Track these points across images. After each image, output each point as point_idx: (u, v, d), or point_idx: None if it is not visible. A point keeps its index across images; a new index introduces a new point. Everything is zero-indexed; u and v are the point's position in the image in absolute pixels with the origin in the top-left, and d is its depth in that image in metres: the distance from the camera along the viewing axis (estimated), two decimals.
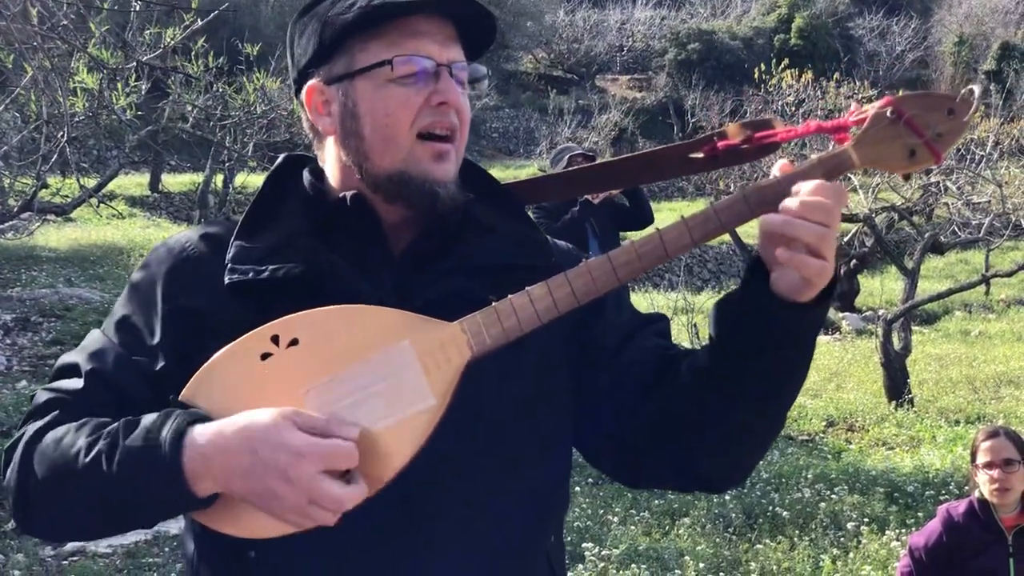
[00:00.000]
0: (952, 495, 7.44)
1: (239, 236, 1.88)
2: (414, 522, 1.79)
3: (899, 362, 11.09)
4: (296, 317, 1.72)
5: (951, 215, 15.23)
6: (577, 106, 34.68)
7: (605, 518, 7.38)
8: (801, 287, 1.64)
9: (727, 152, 1.87)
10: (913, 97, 1.67)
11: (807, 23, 43.19)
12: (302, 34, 1.93)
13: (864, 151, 1.67)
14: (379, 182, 1.85)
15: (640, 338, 1.96)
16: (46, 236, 17.43)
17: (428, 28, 1.85)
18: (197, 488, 1.64)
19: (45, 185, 9.19)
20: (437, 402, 1.70)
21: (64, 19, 5.59)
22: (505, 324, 1.71)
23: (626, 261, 1.72)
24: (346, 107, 1.86)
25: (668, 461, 1.89)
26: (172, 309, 1.85)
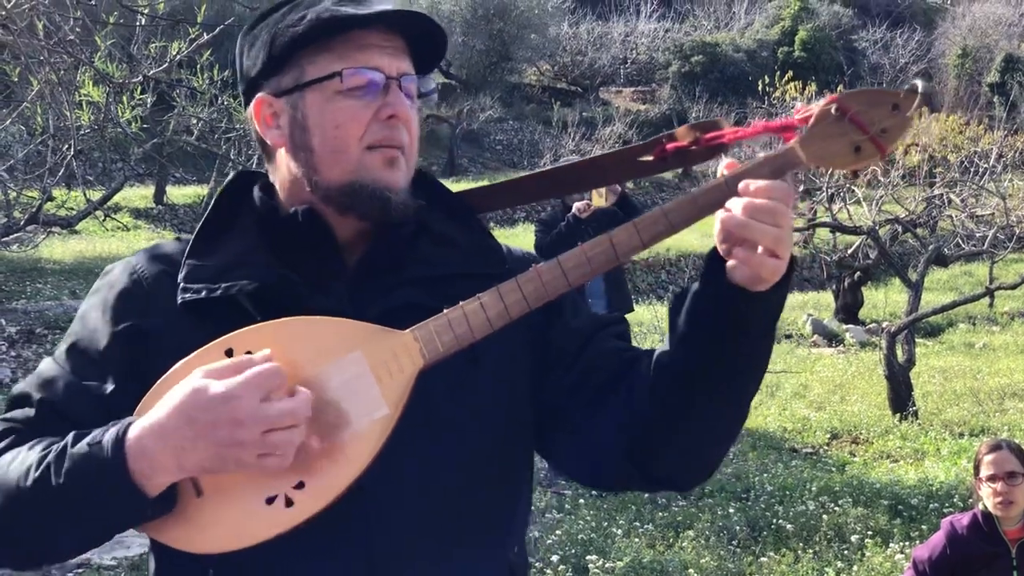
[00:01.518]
0: (956, 508, 7.44)
1: (191, 255, 1.87)
2: (371, 533, 1.78)
3: (903, 374, 11.08)
4: (249, 330, 1.72)
5: (955, 227, 15.25)
6: (581, 118, 34.67)
7: (609, 530, 7.37)
8: (756, 281, 1.65)
9: (676, 154, 1.87)
10: (857, 94, 1.68)
11: (810, 35, 43.18)
12: (251, 46, 1.92)
13: (810, 148, 1.68)
14: (330, 194, 1.85)
15: (599, 341, 1.96)
16: (51, 248, 17.45)
17: (378, 41, 1.85)
18: (148, 485, 1.63)
19: (51, 198, 9.21)
20: (390, 411, 1.70)
21: (70, 33, 5.61)
22: (457, 331, 1.72)
23: (576, 264, 1.72)
24: (295, 120, 1.86)
25: (630, 462, 1.88)
26: (123, 331, 1.83)
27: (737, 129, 1.80)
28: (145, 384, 1.73)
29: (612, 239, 1.71)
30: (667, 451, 1.85)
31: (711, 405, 1.79)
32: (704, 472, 1.96)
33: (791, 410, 11.71)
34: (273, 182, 1.96)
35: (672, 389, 1.79)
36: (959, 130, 17.18)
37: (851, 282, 18.67)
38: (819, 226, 16.31)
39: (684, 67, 41.55)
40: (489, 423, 1.88)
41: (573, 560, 6.72)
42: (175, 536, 1.70)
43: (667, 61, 43.19)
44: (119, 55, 7.11)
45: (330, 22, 1.82)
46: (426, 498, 1.81)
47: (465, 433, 1.85)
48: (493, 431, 1.89)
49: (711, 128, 1.85)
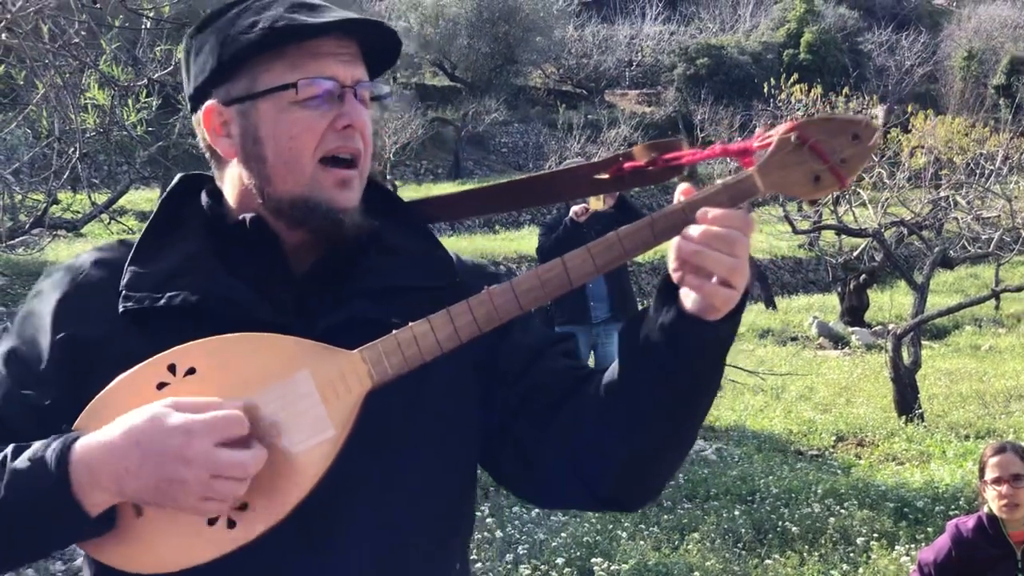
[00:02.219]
0: (962, 510, 7.43)
1: (133, 261, 1.82)
2: (315, 552, 1.74)
3: (909, 377, 11.08)
4: (194, 345, 1.68)
5: (961, 230, 15.23)
6: (586, 121, 34.67)
7: (614, 533, 7.37)
8: (708, 310, 1.62)
9: (632, 173, 1.85)
10: (817, 122, 1.64)
11: (816, 38, 43.17)
12: (199, 51, 1.85)
13: (769, 177, 1.64)
14: (281, 207, 1.80)
15: (547, 359, 1.93)
16: (56, 251, 17.46)
17: (333, 49, 1.80)
18: (88, 503, 1.58)
19: (56, 201, 9.21)
20: (336, 433, 1.67)
21: (75, 36, 5.62)
22: (406, 353, 1.69)
23: (528, 288, 1.69)
24: (247, 130, 1.80)
25: (576, 481, 1.86)
26: (63, 339, 1.77)
27: (695, 151, 1.77)
28: (85, 394, 1.68)
29: (566, 263, 1.68)
30: (612, 472, 1.82)
31: (657, 430, 1.75)
32: (651, 493, 1.95)
33: (797, 412, 11.71)
34: (221, 188, 1.90)
35: (619, 413, 1.76)
36: (965, 132, 17.19)
37: (857, 284, 18.66)
38: (825, 228, 16.32)
39: (689, 70, 41.55)
40: (435, 442, 1.85)
41: (578, 563, 6.72)
42: (114, 555, 1.67)
43: (672, 64, 43.20)
44: (124, 58, 7.11)
45: (284, 31, 1.76)
46: (371, 520, 1.78)
47: (410, 451, 1.81)
48: (438, 450, 1.85)
49: (669, 149, 1.82)
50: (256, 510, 1.63)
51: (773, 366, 14.53)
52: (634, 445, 1.77)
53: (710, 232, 1.59)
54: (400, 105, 29.95)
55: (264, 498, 1.63)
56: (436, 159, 35.68)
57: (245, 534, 1.63)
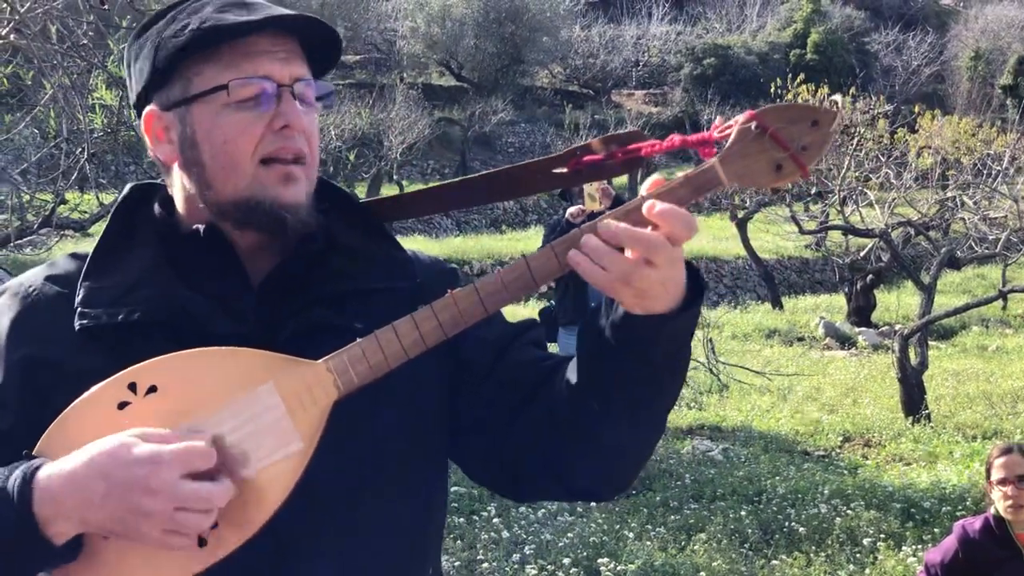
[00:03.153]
0: (969, 511, 7.43)
1: (87, 276, 1.76)
2: (288, 564, 1.72)
3: (916, 377, 11.07)
4: (154, 362, 1.64)
5: (968, 230, 15.23)
6: (593, 121, 34.71)
7: (621, 533, 7.37)
8: (631, 306, 1.60)
9: (591, 166, 1.83)
10: (776, 110, 1.63)
11: (823, 38, 43.16)
12: (137, 57, 1.80)
13: (730, 167, 1.63)
14: (224, 209, 1.75)
15: (514, 351, 1.90)
16: (64, 251, 17.50)
17: (268, 47, 1.74)
18: (52, 532, 1.54)
19: (64, 201, 9.21)
20: (304, 445, 1.64)
21: (83, 37, 5.63)
22: (372, 361, 1.66)
23: (493, 291, 1.66)
24: (184, 134, 1.75)
25: (547, 472, 1.84)
26: (18, 360, 1.72)
27: (654, 143, 1.76)
28: (44, 415, 1.64)
29: (529, 264, 1.66)
30: (583, 464, 1.81)
31: (618, 422, 1.74)
32: (622, 483, 1.92)
33: (803, 413, 11.70)
34: (172, 196, 1.85)
35: (581, 413, 1.74)
36: (972, 133, 17.18)
37: (863, 285, 18.65)
38: (832, 229, 16.33)
39: (696, 70, 41.58)
40: (403, 446, 1.82)
41: (585, 563, 6.73)
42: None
43: (679, 64, 43.24)
44: None
45: (211, 32, 1.70)
46: (344, 534, 1.76)
47: (378, 457, 1.79)
48: (407, 454, 1.83)
49: (628, 141, 1.81)
50: (225, 527, 1.60)
51: (780, 366, 14.53)
52: (602, 438, 1.76)
53: (588, 246, 1.58)
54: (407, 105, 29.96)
55: (233, 515, 1.60)
56: (443, 159, 35.70)
57: (215, 552, 1.61)
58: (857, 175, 15.00)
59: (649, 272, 1.55)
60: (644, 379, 1.68)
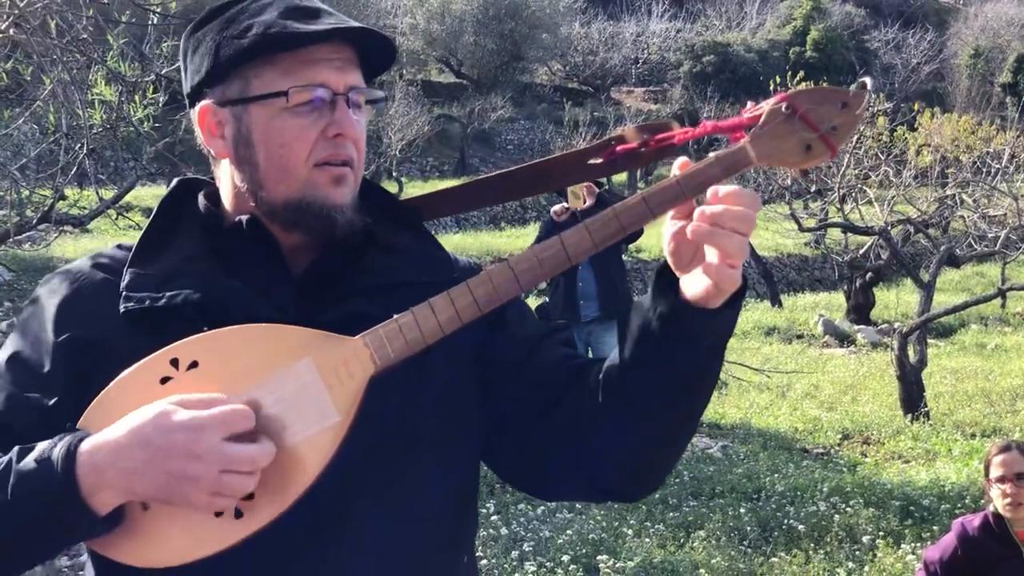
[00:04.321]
0: (968, 508, 7.42)
1: (133, 263, 1.83)
2: (321, 542, 1.74)
3: (915, 375, 11.07)
4: (196, 339, 1.69)
5: (967, 228, 15.23)
6: (592, 118, 34.69)
7: (620, 531, 7.37)
8: (712, 294, 1.62)
9: (625, 156, 1.85)
10: (807, 92, 1.66)
11: (822, 35, 43.16)
12: (195, 50, 1.86)
13: (760, 147, 1.66)
14: (275, 210, 1.81)
15: (545, 350, 1.93)
16: (63, 247, 17.48)
17: (326, 55, 1.80)
18: (95, 502, 1.58)
19: (63, 197, 9.20)
20: (341, 419, 1.67)
21: (83, 32, 5.62)
22: (408, 337, 1.69)
23: (528, 268, 1.69)
24: (240, 133, 1.81)
25: (575, 472, 1.86)
26: (65, 341, 1.78)
27: (687, 130, 1.78)
28: (88, 395, 1.69)
29: (563, 241, 1.69)
30: (613, 464, 1.83)
31: (657, 421, 1.77)
32: (651, 484, 1.95)
33: (802, 410, 11.70)
34: (218, 189, 1.92)
35: (619, 404, 1.76)
36: (971, 131, 17.14)
37: (863, 283, 18.65)
38: (831, 226, 16.32)
39: (695, 67, 41.58)
40: (439, 432, 1.85)
41: (584, 560, 6.72)
42: (121, 551, 1.67)
43: (678, 61, 43.25)
44: (131, 54, 7.11)
45: (277, 39, 1.77)
46: (380, 513, 1.78)
47: (415, 441, 1.82)
48: (442, 440, 1.86)
49: (661, 129, 1.83)
50: (262, 499, 1.63)
51: (779, 364, 14.53)
52: (634, 436, 1.78)
53: (727, 211, 1.59)
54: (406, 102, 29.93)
55: (269, 486, 1.63)
56: (442, 156, 35.70)
57: (252, 524, 1.63)
58: (856, 173, 14.99)
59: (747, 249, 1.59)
60: (687, 372, 1.70)
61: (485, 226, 27.59)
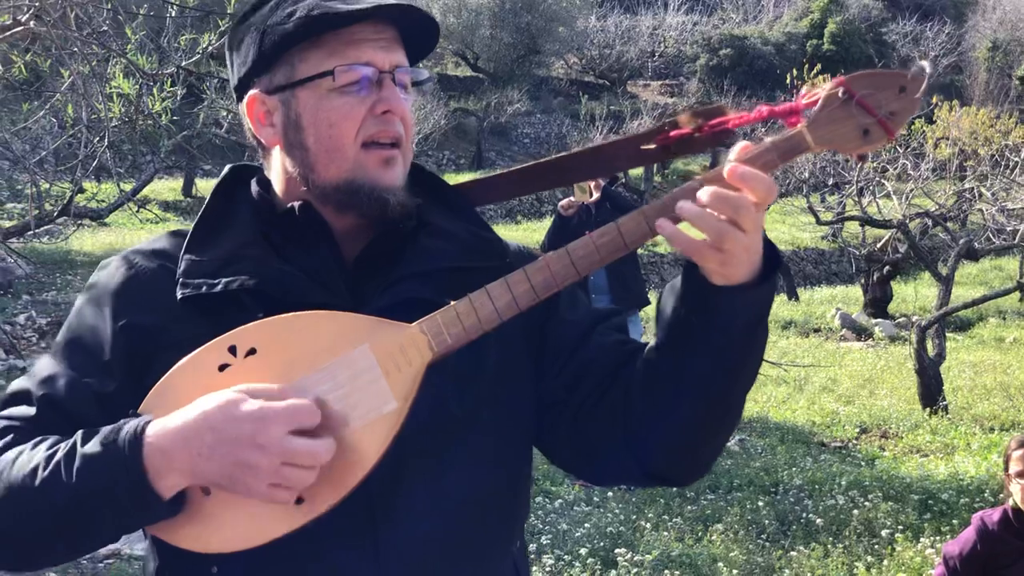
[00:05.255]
0: (987, 503, 7.40)
1: (188, 249, 1.85)
2: (377, 526, 1.76)
3: (933, 369, 11.04)
4: (253, 326, 1.70)
5: (985, 221, 15.15)
6: (609, 111, 34.69)
7: (638, 524, 7.37)
8: (712, 273, 1.63)
9: (679, 141, 1.85)
10: (864, 76, 1.66)
11: (840, 28, 43.04)
12: (240, 42, 1.89)
13: (818, 132, 1.65)
14: (327, 192, 1.83)
15: (598, 334, 1.94)
16: (81, 240, 17.57)
17: (370, 34, 1.82)
18: (161, 486, 1.60)
19: (81, 190, 9.24)
20: (399, 405, 1.68)
21: (103, 24, 5.63)
22: (465, 323, 1.70)
23: (585, 254, 1.70)
24: (289, 118, 1.84)
25: (624, 456, 1.87)
26: (123, 327, 1.80)
27: (742, 115, 1.78)
28: (146, 380, 1.72)
29: (620, 227, 1.69)
30: (662, 447, 1.84)
31: (696, 403, 1.77)
32: (700, 468, 1.95)
33: (820, 404, 11.69)
34: (269, 176, 1.94)
35: (659, 387, 1.78)
36: (990, 123, 17.07)
37: (880, 276, 18.60)
38: (848, 220, 16.27)
39: (712, 60, 41.50)
40: (493, 416, 1.86)
41: (602, 553, 6.72)
42: (184, 536, 1.69)
43: (695, 54, 43.16)
44: (150, 47, 7.13)
45: (319, 20, 1.79)
46: (434, 498, 1.79)
47: (470, 425, 1.83)
48: (496, 429, 1.87)
49: (715, 114, 1.83)
50: (322, 486, 1.64)
51: (796, 357, 14.50)
52: (679, 420, 1.79)
53: (712, 194, 1.60)
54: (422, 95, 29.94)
55: (330, 473, 1.64)
56: (458, 149, 35.73)
57: (312, 510, 1.65)
58: (874, 166, 14.95)
59: (737, 235, 1.59)
60: (722, 351, 1.71)
61: (501, 219, 27.61)
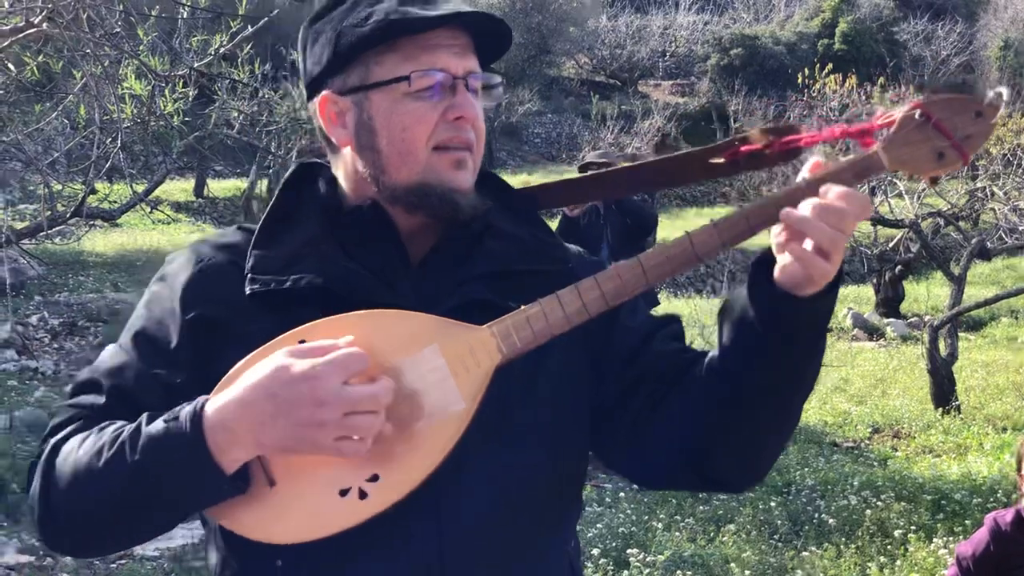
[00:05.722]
0: (1000, 503, 7.38)
1: (257, 245, 1.88)
2: (439, 524, 1.78)
3: (945, 368, 11.02)
4: (323, 322, 1.72)
5: (998, 221, 15.11)
6: (620, 111, 34.61)
7: (650, 524, 7.37)
8: (803, 282, 1.65)
9: (749, 157, 1.86)
10: (941, 100, 1.68)
11: (851, 28, 42.94)
12: (315, 41, 1.92)
13: (893, 153, 1.68)
14: (397, 194, 1.86)
15: (657, 341, 1.96)
16: (93, 241, 17.59)
17: (445, 40, 1.85)
18: (224, 460, 1.64)
19: (94, 191, 9.25)
20: (467, 406, 1.71)
21: (115, 26, 5.64)
22: (535, 328, 1.72)
23: (656, 264, 1.73)
24: (361, 120, 1.87)
25: (683, 462, 1.90)
26: (191, 320, 1.84)
27: (814, 133, 1.80)
28: (212, 373, 1.74)
29: (692, 238, 1.72)
30: (719, 453, 1.87)
31: (760, 409, 1.80)
32: (756, 474, 1.98)
33: (832, 404, 11.66)
34: (336, 175, 1.97)
35: (722, 393, 1.80)
36: (1002, 123, 17.04)
37: (892, 276, 18.55)
38: None
39: (723, 60, 41.41)
40: (553, 422, 1.88)
41: (614, 553, 6.72)
42: (249, 525, 1.71)
43: (706, 54, 43.07)
44: (162, 48, 7.14)
45: (397, 25, 1.81)
46: (495, 496, 1.82)
47: (532, 425, 1.85)
48: (556, 430, 1.89)
49: (787, 132, 1.84)
50: (387, 481, 1.67)
51: None
52: (738, 427, 1.82)
53: (828, 205, 1.62)
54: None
55: (395, 470, 1.67)
56: None
57: (377, 504, 1.68)
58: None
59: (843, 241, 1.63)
60: (788, 360, 1.74)
61: None
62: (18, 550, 6.61)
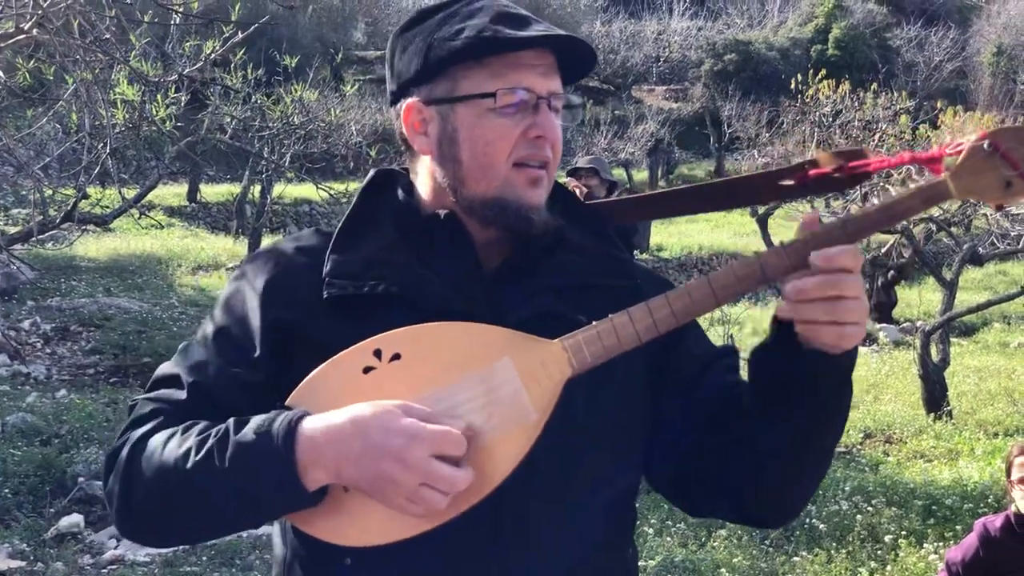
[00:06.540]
0: (991, 508, 7.40)
1: (335, 249, 1.91)
2: (505, 533, 1.81)
3: (937, 374, 11.03)
4: (399, 332, 1.75)
5: (990, 226, 15.13)
6: (613, 116, 34.64)
7: (641, 529, 7.36)
8: (832, 348, 1.70)
9: (817, 180, 1.90)
10: (1009, 131, 1.71)
11: (844, 33, 43.00)
12: (405, 49, 1.95)
13: (961, 182, 1.71)
14: (474, 206, 1.89)
15: (714, 372, 1.99)
16: (85, 246, 17.55)
17: (531, 60, 1.88)
18: (308, 479, 1.67)
19: (86, 196, 9.25)
20: (538, 417, 1.74)
21: (106, 32, 5.64)
22: (605, 343, 1.75)
23: (725, 284, 1.76)
24: (445, 131, 1.90)
25: (723, 495, 1.95)
26: (270, 321, 1.87)
27: (883, 158, 1.84)
28: (288, 374, 1.79)
29: (761, 261, 1.75)
30: (758, 492, 1.91)
31: (790, 458, 1.84)
32: (793, 512, 2.03)
33: None
34: (413, 182, 2.00)
35: (752, 434, 1.83)
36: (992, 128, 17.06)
37: (885, 281, 18.59)
38: None
39: (717, 65, 41.47)
40: (617, 430, 1.92)
41: None
42: (324, 528, 1.75)
43: (700, 59, 43.15)
44: (153, 54, 7.15)
45: (489, 42, 1.85)
46: (554, 513, 1.85)
47: (596, 438, 1.88)
48: (620, 439, 1.93)
49: (856, 156, 1.88)
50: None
51: None
52: (771, 471, 1.86)
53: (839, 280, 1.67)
54: None
55: None
56: None
57: (447, 513, 1.69)
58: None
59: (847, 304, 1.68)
60: (814, 411, 1.78)
61: None
62: (8, 555, 6.60)
